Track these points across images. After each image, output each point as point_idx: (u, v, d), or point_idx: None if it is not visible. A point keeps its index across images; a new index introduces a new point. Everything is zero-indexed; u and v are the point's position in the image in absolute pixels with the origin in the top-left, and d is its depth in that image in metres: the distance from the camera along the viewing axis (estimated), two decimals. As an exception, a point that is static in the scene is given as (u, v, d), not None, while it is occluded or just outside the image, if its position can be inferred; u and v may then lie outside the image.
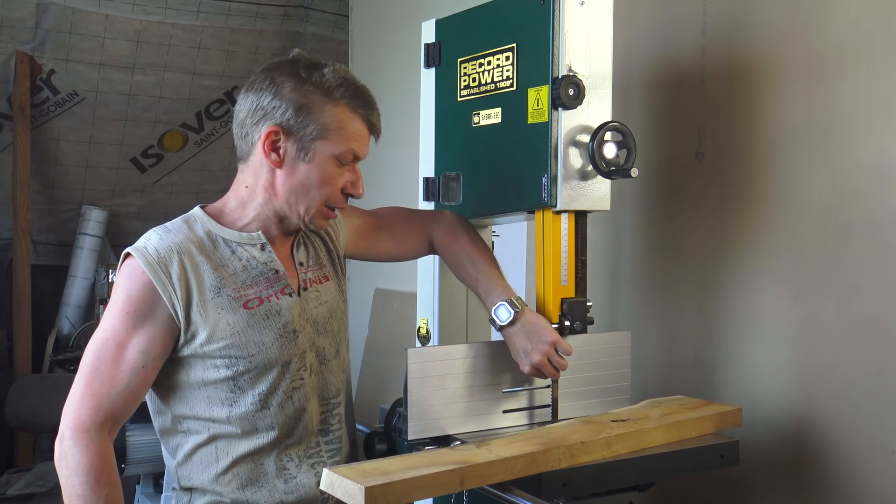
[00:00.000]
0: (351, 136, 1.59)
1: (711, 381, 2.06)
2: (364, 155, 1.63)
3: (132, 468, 2.85)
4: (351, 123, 1.59)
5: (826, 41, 1.84)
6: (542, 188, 1.69)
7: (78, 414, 1.52)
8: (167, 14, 4.59)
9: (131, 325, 1.52)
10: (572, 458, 1.47)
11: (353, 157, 1.61)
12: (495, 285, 1.74)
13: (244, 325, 1.56)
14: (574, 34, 1.68)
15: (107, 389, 1.52)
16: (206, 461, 1.59)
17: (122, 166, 5.17)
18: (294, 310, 1.62)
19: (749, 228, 2.00)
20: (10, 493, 3.65)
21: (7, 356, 4.83)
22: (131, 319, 1.52)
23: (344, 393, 1.72)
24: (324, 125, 1.57)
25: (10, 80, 4.59)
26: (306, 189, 1.59)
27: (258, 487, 1.59)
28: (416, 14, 2.77)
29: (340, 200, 1.63)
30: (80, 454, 1.49)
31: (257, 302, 1.58)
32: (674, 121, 2.19)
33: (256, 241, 1.62)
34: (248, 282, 1.59)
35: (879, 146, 1.75)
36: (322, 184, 1.59)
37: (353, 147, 1.59)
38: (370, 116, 1.61)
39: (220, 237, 1.61)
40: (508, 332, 1.69)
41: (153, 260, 1.54)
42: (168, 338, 1.54)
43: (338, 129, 1.57)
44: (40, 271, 5.00)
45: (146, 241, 1.57)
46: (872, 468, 1.75)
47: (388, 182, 3.44)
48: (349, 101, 1.58)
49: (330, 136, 1.57)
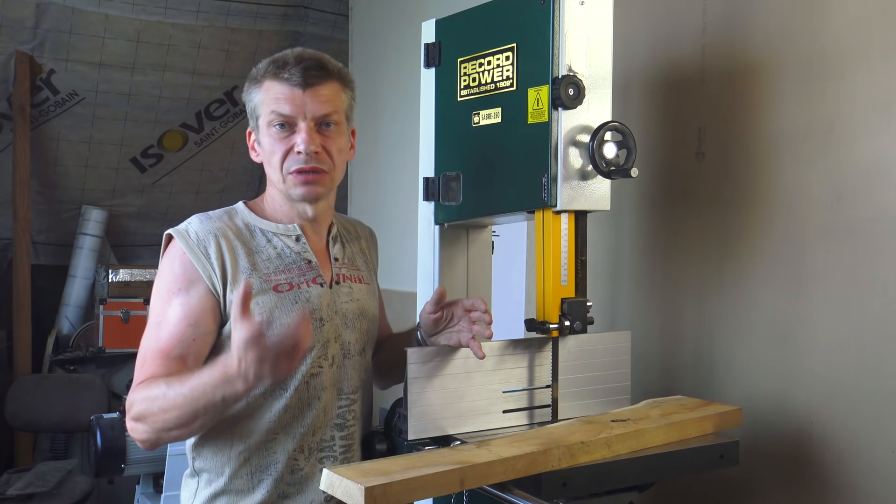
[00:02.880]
0: (269, 100, 1.65)
1: (711, 381, 2.06)
2: (292, 111, 1.64)
3: (132, 468, 2.86)
4: (270, 90, 1.65)
5: (826, 41, 1.84)
6: (542, 188, 1.69)
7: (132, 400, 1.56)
8: (167, 14, 4.59)
9: (172, 298, 1.59)
10: (572, 458, 1.47)
11: (279, 118, 1.64)
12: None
13: (272, 305, 1.62)
14: (574, 34, 1.68)
15: (160, 363, 1.56)
16: (219, 445, 1.64)
17: (122, 166, 5.17)
18: (323, 299, 1.68)
19: (749, 228, 2.00)
20: (10, 493, 3.65)
21: (7, 356, 4.83)
22: (172, 294, 1.59)
23: (363, 391, 1.76)
24: (258, 104, 1.67)
25: (10, 80, 4.59)
26: (267, 164, 1.68)
27: (267, 475, 1.63)
28: (416, 14, 2.77)
29: (295, 162, 1.66)
30: (128, 403, 1.55)
31: (287, 287, 1.65)
32: (674, 121, 2.19)
33: (292, 233, 1.71)
34: (281, 268, 1.66)
35: (879, 146, 1.75)
36: (270, 154, 1.67)
37: (273, 108, 1.64)
38: (283, 73, 1.64)
39: (258, 227, 1.70)
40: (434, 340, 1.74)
41: (193, 242, 1.62)
42: (213, 315, 1.60)
43: (261, 101, 1.66)
44: (40, 271, 4.99)
45: (187, 225, 1.66)
46: (872, 468, 1.75)
47: (388, 182, 3.44)
48: (271, 71, 1.65)
49: (259, 112, 1.67)
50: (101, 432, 2.81)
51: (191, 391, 1.45)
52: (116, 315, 4.66)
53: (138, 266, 4.97)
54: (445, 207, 1.93)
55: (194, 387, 1.45)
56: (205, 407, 1.45)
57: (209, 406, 1.45)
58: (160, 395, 1.48)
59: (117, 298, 4.71)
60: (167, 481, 2.82)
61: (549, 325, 1.71)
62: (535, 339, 1.77)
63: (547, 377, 1.78)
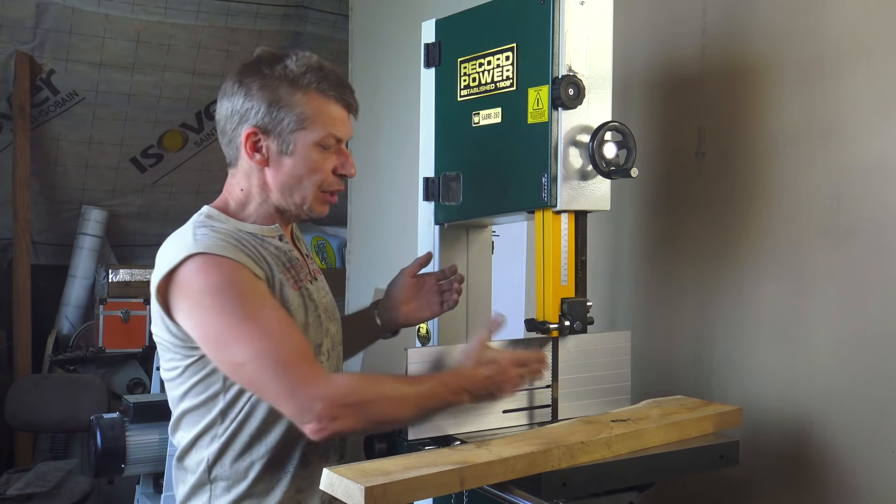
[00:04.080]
0: (327, 120, 1.60)
1: (711, 381, 2.06)
2: (346, 136, 1.64)
3: (132, 468, 2.86)
4: (325, 108, 1.60)
5: (826, 41, 1.84)
6: (542, 188, 1.69)
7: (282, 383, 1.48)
8: (167, 14, 4.59)
9: (259, 304, 1.51)
10: (572, 458, 1.47)
11: (334, 140, 1.62)
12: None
13: (299, 303, 1.62)
14: (574, 34, 1.68)
15: (313, 361, 1.53)
16: (241, 450, 1.60)
17: (122, 166, 5.17)
18: (317, 295, 1.69)
19: (749, 228, 1.99)
20: (10, 493, 3.65)
21: (7, 356, 4.83)
22: (265, 305, 1.52)
23: None
24: (299, 115, 1.58)
25: (10, 80, 4.59)
26: (297, 181, 1.62)
27: (285, 473, 1.61)
28: (416, 14, 2.77)
29: (335, 183, 1.65)
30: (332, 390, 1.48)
31: (296, 286, 1.64)
32: (674, 121, 2.19)
33: (275, 233, 1.67)
34: (282, 268, 1.63)
35: (879, 146, 1.75)
36: (310, 172, 1.61)
37: (331, 131, 1.61)
38: (343, 96, 1.62)
39: (246, 232, 1.63)
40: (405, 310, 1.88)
41: (222, 249, 1.52)
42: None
43: (313, 116, 1.59)
44: (40, 271, 5.00)
45: (203, 241, 1.54)
46: (872, 468, 1.75)
47: (388, 182, 3.44)
48: (318, 85, 1.59)
49: (307, 125, 1.59)
50: (101, 432, 2.80)
51: (436, 389, 1.53)
52: (116, 315, 4.67)
53: (138, 266, 4.97)
54: (445, 207, 1.93)
55: (436, 387, 1.53)
56: (439, 406, 1.56)
57: (442, 407, 1.56)
58: (400, 387, 1.52)
59: (117, 298, 4.71)
60: (167, 481, 2.82)
61: (549, 325, 1.72)
62: (535, 339, 1.77)
63: (547, 377, 1.78)
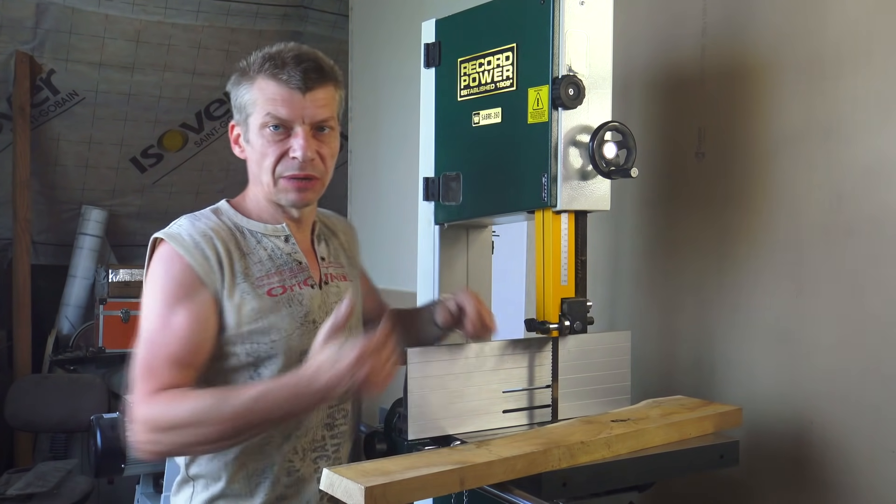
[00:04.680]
0: (266, 101, 1.60)
1: (711, 380, 2.06)
2: (289, 115, 1.59)
3: (132, 468, 2.86)
4: (266, 90, 1.60)
5: (826, 41, 1.84)
6: (542, 188, 1.69)
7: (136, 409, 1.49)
8: (167, 14, 4.59)
9: (176, 304, 1.53)
10: (572, 458, 1.47)
11: (275, 120, 1.60)
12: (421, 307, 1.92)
13: (267, 310, 1.59)
14: (574, 34, 1.68)
15: (175, 372, 1.50)
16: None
17: (122, 166, 5.17)
18: (315, 301, 1.66)
19: (749, 228, 2.00)
20: (10, 493, 3.65)
21: (7, 356, 4.83)
22: (175, 300, 1.53)
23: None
24: (249, 102, 1.62)
25: (10, 80, 4.59)
26: (256, 165, 1.65)
27: (264, 478, 1.61)
28: (416, 14, 2.77)
29: (290, 167, 1.62)
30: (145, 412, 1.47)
31: (280, 290, 1.62)
32: (674, 121, 2.19)
33: (280, 233, 1.68)
34: (273, 270, 1.63)
35: (879, 146, 1.75)
36: (262, 157, 1.62)
37: (269, 110, 1.59)
38: (281, 74, 1.59)
39: (247, 228, 1.67)
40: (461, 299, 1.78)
41: (189, 245, 1.57)
42: (216, 319, 1.56)
43: (255, 101, 1.61)
44: (40, 271, 4.99)
45: (178, 228, 1.61)
46: (872, 468, 1.75)
47: (388, 182, 3.44)
48: (267, 70, 1.60)
49: (254, 111, 1.62)
50: (101, 432, 2.80)
51: (253, 404, 1.43)
52: (116, 315, 4.66)
53: (138, 266, 4.95)
54: (445, 207, 1.93)
55: (256, 400, 1.43)
56: (261, 422, 1.45)
57: (267, 422, 1.46)
58: (202, 409, 1.43)
59: (117, 298, 4.71)
60: (167, 481, 2.82)
61: (549, 325, 1.72)
62: (535, 339, 1.77)
63: (547, 377, 1.78)
